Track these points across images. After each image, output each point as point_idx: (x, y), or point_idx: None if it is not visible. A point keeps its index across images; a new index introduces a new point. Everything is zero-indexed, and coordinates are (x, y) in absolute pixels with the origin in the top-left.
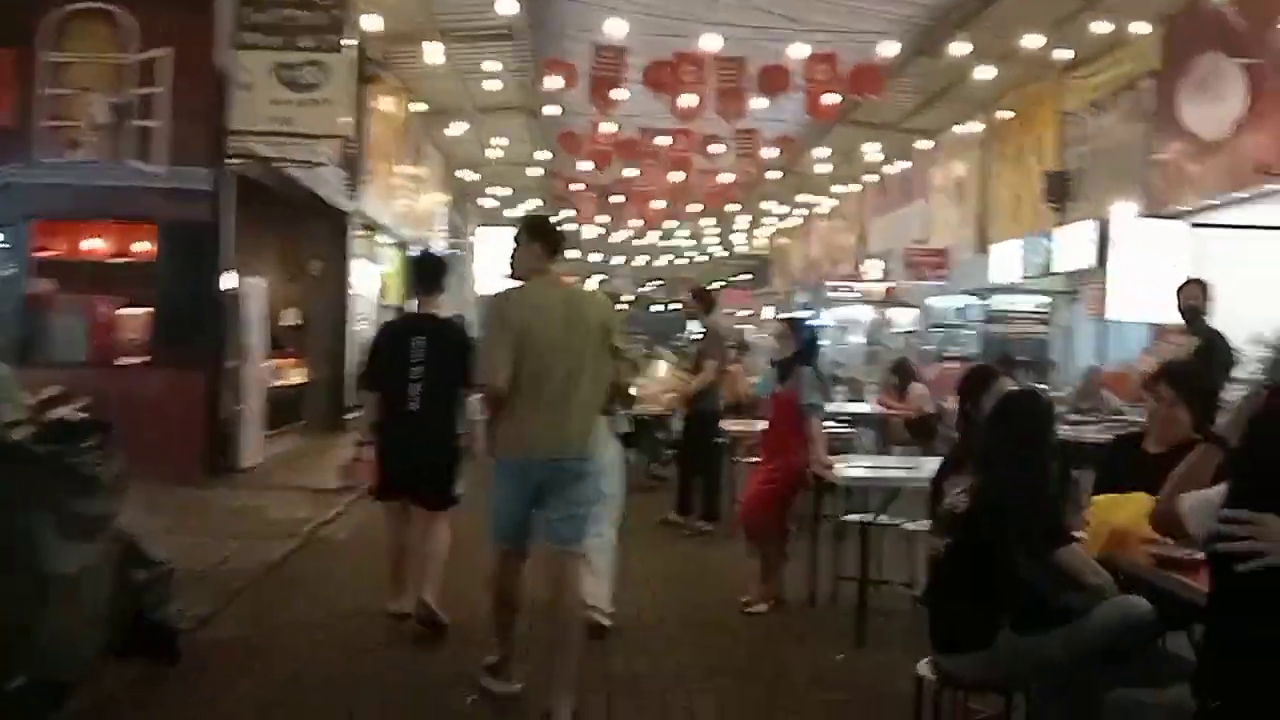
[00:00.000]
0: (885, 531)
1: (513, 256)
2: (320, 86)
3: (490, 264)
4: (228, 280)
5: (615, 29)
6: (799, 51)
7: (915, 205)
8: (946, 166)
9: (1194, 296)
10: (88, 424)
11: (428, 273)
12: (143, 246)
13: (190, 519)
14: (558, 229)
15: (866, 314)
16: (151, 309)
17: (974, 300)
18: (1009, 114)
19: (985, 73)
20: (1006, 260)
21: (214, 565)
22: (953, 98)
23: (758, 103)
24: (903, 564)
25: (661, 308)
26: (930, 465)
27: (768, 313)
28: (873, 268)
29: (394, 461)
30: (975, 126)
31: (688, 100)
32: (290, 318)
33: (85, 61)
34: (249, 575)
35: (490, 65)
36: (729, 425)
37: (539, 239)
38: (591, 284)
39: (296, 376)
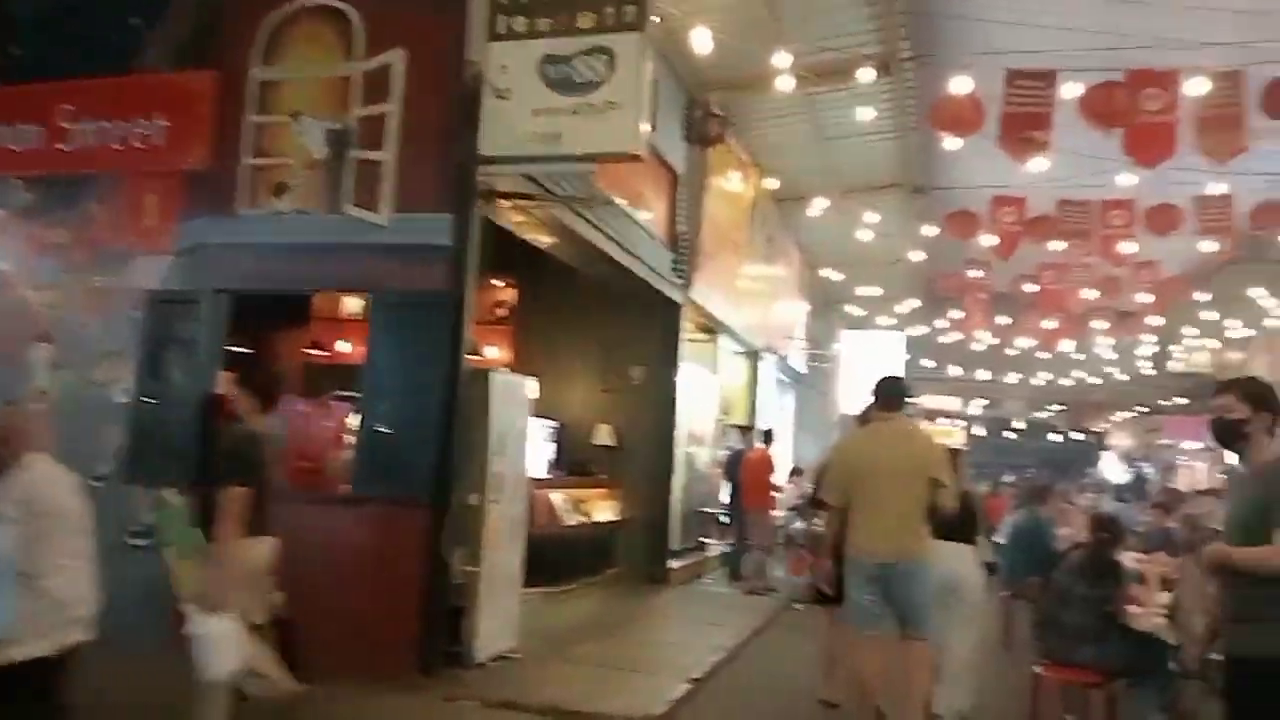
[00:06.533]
0: None
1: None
2: (603, 84)
3: (856, 377)
4: (468, 377)
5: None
6: None
7: None
8: None
9: None
10: None
11: (892, 391)
12: (355, 329)
13: None
14: (893, 388)
15: None
16: (361, 416)
17: None
18: None
19: None
20: None
21: None
22: None
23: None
24: None
25: (1059, 437)
26: None
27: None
28: None
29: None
30: None
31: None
32: (604, 436)
33: (299, 78)
34: None
35: (860, 114)
36: None
37: (877, 398)
38: (976, 407)
39: (604, 513)
